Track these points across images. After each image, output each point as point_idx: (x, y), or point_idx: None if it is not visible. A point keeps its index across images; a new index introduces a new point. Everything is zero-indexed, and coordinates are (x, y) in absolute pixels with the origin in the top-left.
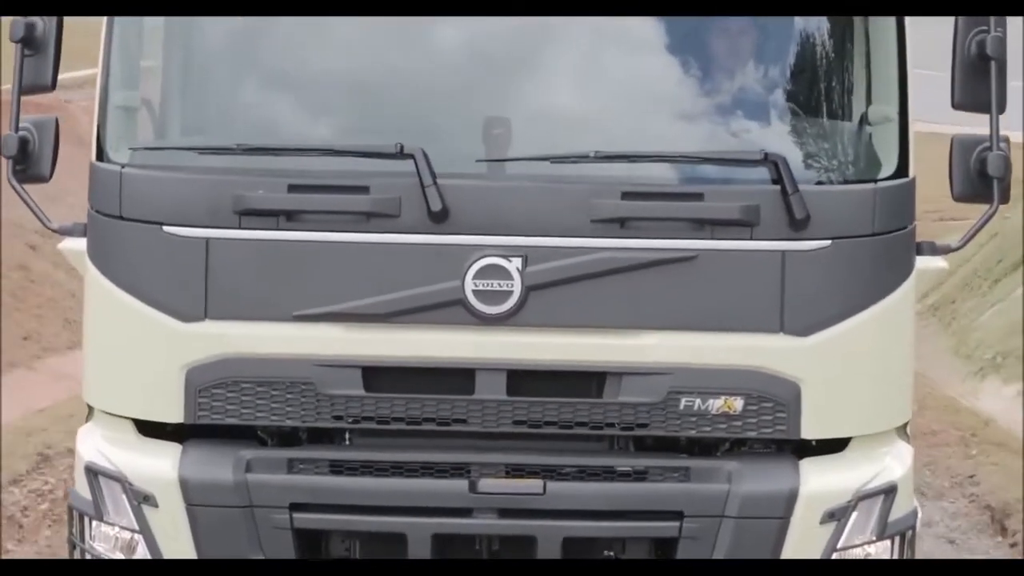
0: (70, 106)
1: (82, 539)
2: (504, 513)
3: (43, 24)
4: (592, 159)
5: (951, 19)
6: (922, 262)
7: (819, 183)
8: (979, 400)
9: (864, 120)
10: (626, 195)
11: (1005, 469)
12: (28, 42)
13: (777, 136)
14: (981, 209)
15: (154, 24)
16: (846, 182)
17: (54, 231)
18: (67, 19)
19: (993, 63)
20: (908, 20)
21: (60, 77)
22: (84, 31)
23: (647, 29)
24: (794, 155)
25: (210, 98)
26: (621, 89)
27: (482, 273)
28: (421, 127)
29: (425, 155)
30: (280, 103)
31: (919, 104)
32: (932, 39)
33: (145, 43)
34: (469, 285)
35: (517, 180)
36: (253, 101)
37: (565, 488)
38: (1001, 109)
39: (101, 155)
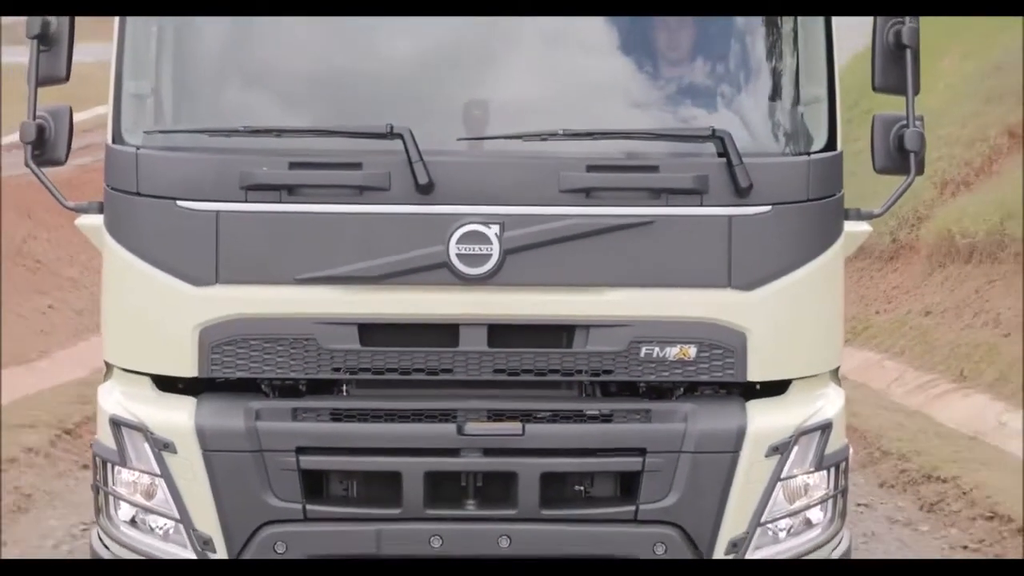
0: None
1: (106, 484)
2: (488, 452)
3: (56, 22)
4: (560, 136)
5: None
6: (849, 226)
7: (760, 156)
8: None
9: (798, 100)
10: (591, 168)
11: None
12: (43, 38)
13: (723, 115)
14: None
15: (161, 22)
16: (783, 155)
17: (71, 209)
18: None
19: (908, 50)
20: None
21: None
22: None
23: (606, 28)
24: (738, 132)
25: (216, 87)
26: (586, 76)
27: (464, 239)
28: (408, 110)
29: (412, 134)
30: (280, 91)
31: None
32: None
33: (154, 37)
34: (453, 249)
35: (494, 156)
36: (255, 89)
37: (541, 429)
38: (916, 91)
39: (116, 138)
